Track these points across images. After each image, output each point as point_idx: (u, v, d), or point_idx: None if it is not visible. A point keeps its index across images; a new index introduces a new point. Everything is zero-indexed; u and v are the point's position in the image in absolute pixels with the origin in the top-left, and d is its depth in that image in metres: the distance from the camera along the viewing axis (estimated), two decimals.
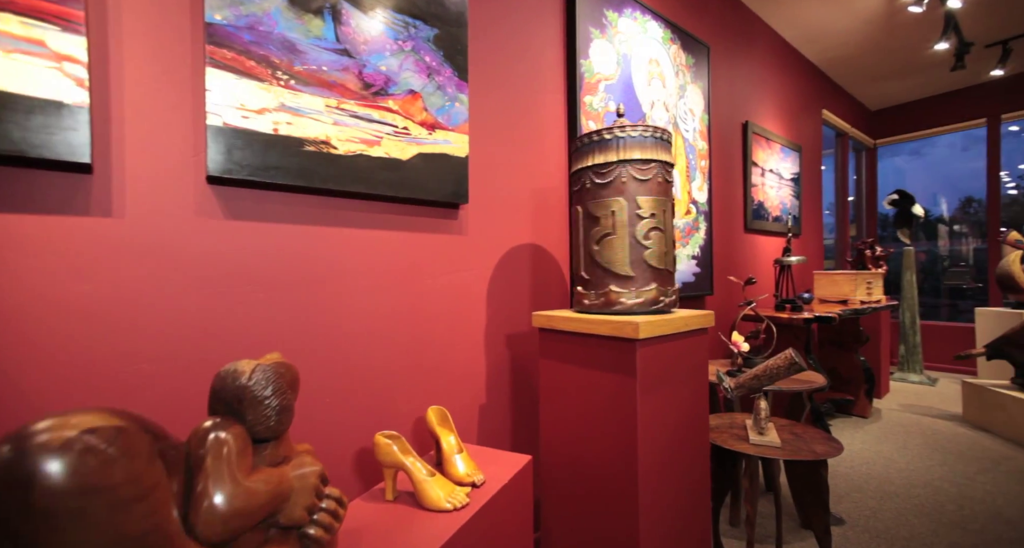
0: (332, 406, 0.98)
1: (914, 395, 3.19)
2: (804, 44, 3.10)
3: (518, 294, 1.39)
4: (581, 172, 1.10)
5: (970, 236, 6.40)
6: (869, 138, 4.38)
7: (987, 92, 3.76)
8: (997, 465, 2.00)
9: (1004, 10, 2.74)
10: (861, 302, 2.62)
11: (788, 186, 2.97)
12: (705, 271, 2.14)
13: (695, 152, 2.11)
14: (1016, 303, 3.15)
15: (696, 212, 2.10)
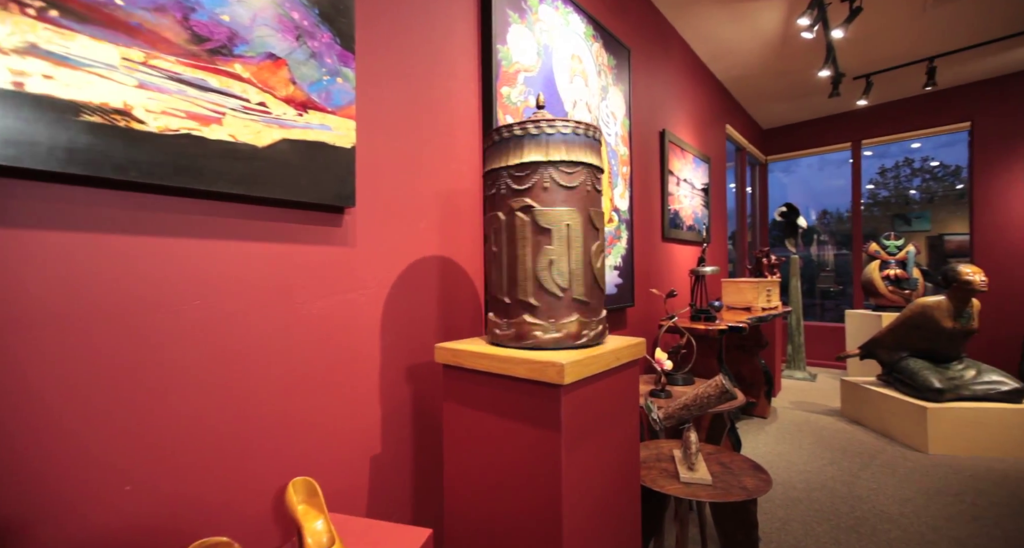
0: (136, 495, 0.69)
1: (800, 392, 3.57)
2: (711, 61, 3.31)
3: (423, 318, 1.18)
4: (495, 174, 0.93)
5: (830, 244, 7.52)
6: (762, 154, 4.88)
7: (853, 119, 4.38)
8: (873, 459, 2.25)
9: (869, 47, 3.16)
10: (763, 309, 2.83)
11: (699, 196, 3.13)
12: (627, 282, 2.11)
13: (617, 158, 2.07)
14: (876, 306, 3.69)
15: (618, 220, 2.06)
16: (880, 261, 3.67)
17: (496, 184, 0.93)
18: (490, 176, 0.95)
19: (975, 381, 2.38)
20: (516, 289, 0.88)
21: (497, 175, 0.92)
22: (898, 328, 2.61)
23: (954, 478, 2.03)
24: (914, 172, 7.07)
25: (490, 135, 0.94)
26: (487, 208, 0.97)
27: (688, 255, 2.97)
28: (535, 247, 0.86)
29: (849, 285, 6.80)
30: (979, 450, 2.27)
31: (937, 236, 6.13)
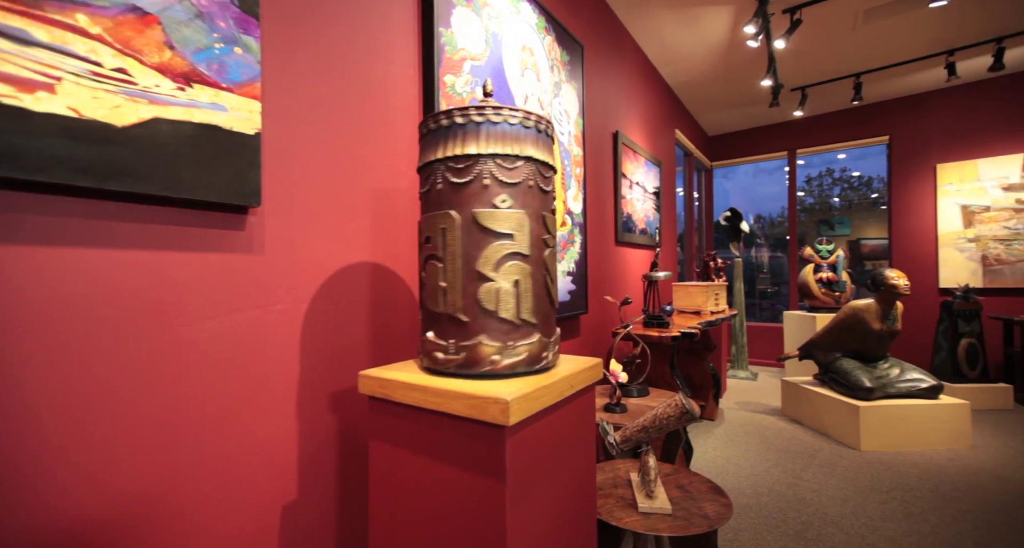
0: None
1: (744, 391, 3.71)
2: (662, 65, 3.35)
3: (352, 337, 1.02)
4: (431, 167, 0.80)
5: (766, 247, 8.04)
6: (708, 160, 5.07)
7: (790, 129, 4.65)
8: (813, 459, 2.34)
9: (805, 60, 3.34)
10: (712, 312, 2.89)
11: (651, 199, 3.15)
12: (580, 288, 2.04)
13: (570, 158, 2.00)
14: (811, 307, 3.91)
15: (572, 224, 1.99)
16: (814, 265, 3.90)
17: (431, 180, 0.79)
18: (425, 171, 0.82)
19: (899, 379, 2.55)
20: (456, 303, 0.75)
21: (432, 170, 0.79)
22: (833, 330, 2.76)
23: (885, 474, 2.14)
24: (835, 181, 7.74)
25: (426, 122, 0.81)
26: (422, 208, 0.83)
27: (641, 259, 2.98)
28: (480, 253, 0.74)
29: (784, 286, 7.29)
30: (903, 445, 2.43)
31: (855, 240, 6.71)
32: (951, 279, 3.81)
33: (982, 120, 3.74)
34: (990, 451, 2.40)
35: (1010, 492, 1.96)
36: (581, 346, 2.12)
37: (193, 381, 0.75)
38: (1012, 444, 2.50)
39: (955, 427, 2.44)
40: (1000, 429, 2.74)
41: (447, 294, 0.76)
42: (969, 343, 3.21)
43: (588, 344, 2.19)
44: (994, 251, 3.67)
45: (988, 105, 3.72)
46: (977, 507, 1.83)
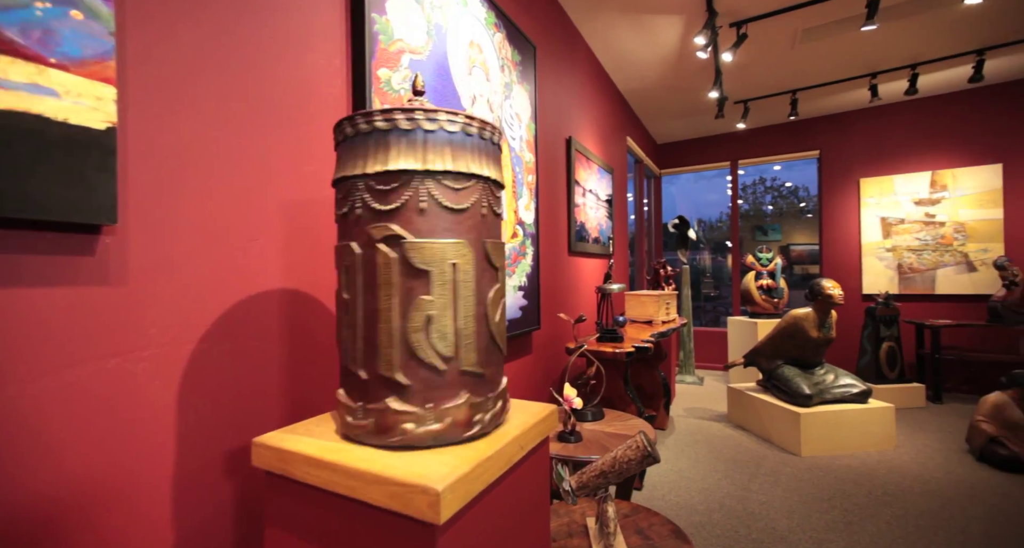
0: None
1: (692, 396, 3.79)
2: (614, 71, 3.34)
3: (257, 382, 0.84)
4: (348, 185, 0.64)
5: (707, 251, 8.45)
6: (657, 167, 5.19)
7: (732, 140, 4.85)
8: (759, 467, 2.39)
9: (748, 75, 3.46)
10: (663, 322, 2.90)
11: (604, 207, 3.12)
12: (532, 303, 1.94)
13: (522, 165, 1.89)
14: (752, 313, 4.08)
15: (523, 235, 1.88)
16: (755, 272, 4.07)
17: (349, 200, 0.64)
18: (341, 188, 0.66)
19: (834, 385, 2.68)
20: (377, 359, 0.60)
21: (350, 187, 0.64)
22: (775, 338, 2.85)
23: (824, 481, 2.22)
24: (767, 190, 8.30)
25: (341, 126, 0.65)
26: (339, 234, 0.67)
27: (594, 268, 2.93)
28: (405, 297, 0.60)
29: (724, 288, 7.68)
30: (839, 449, 2.55)
31: (786, 245, 7.20)
32: (873, 286, 4.12)
33: (898, 139, 4.08)
34: (911, 450, 2.57)
35: (931, 493, 2.08)
36: (534, 364, 2.02)
37: (23, 462, 0.55)
38: (928, 442, 2.70)
39: (882, 429, 2.59)
40: (917, 427, 2.96)
41: (366, 346, 0.61)
42: (889, 346, 3.47)
43: (541, 361, 2.09)
44: (908, 260, 4.01)
45: (903, 126, 4.06)
46: (907, 511, 1.92)
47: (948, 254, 3.87)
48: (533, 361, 2.02)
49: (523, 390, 1.92)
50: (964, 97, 3.83)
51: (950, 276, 3.86)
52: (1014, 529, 1.78)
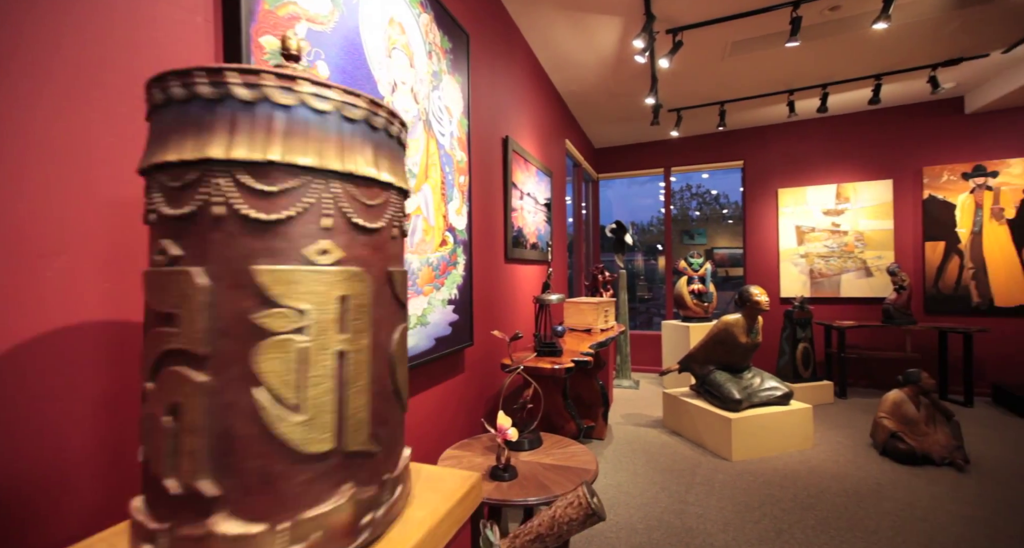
0: None
1: (629, 401, 3.82)
2: (553, 71, 3.26)
3: (45, 472, 0.58)
4: (152, 176, 0.43)
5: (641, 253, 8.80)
6: (594, 171, 5.23)
7: (666, 148, 5.00)
8: (695, 475, 2.40)
9: (682, 84, 3.54)
10: (601, 330, 2.86)
11: (543, 211, 3.02)
12: (464, 317, 1.76)
13: (453, 164, 1.70)
14: (685, 317, 4.21)
15: (453, 242, 1.70)
16: (687, 277, 4.21)
17: (153, 201, 0.43)
18: (150, 177, 0.44)
19: (761, 388, 2.78)
20: (198, 454, 0.40)
21: (155, 181, 0.43)
22: (708, 343, 2.92)
23: (754, 486, 2.27)
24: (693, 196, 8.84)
25: (151, 87, 0.44)
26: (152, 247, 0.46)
27: (532, 276, 2.82)
28: (259, 350, 0.40)
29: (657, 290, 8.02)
30: (766, 451, 2.65)
31: (710, 249, 7.67)
32: (789, 290, 4.43)
33: (810, 153, 4.43)
34: (826, 448, 2.74)
35: (846, 493, 2.20)
36: (467, 384, 1.84)
37: None
38: (839, 439, 2.89)
39: (802, 429, 2.74)
40: (829, 423, 3.18)
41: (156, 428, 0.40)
42: (804, 347, 3.72)
43: (475, 380, 1.92)
44: (818, 266, 4.36)
45: (815, 140, 4.41)
46: (827, 514, 2.00)
47: (850, 260, 4.26)
48: (466, 381, 1.85)
49: (455, 415, 1.74)
50: (864, 117, 4.23)
51: (852, 281, 4.24)
52: (917, 524, 1.91)
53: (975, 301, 3.89)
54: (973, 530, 1.86)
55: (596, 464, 1.33)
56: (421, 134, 1.46)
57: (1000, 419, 3.27)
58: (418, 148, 1.44)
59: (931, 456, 2.48)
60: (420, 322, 1.44)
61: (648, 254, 8.53)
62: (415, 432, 1.44)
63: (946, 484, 2.27)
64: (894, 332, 3.96)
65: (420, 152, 1.46)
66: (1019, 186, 3.79)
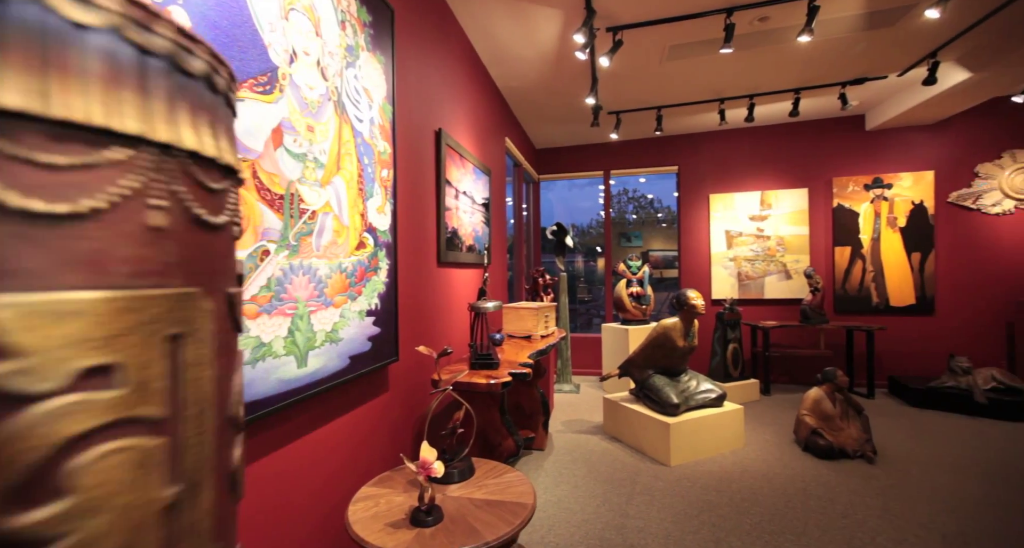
0: None
1: (569, 406, 3.78)
2: (492, 64, 3.12)
3: None
4: None
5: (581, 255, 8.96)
6: (535, 172, 5.17)
7: (606, 151, 5.06)
8: (635, 484, 2.37)
9: (621, 87, 3.56)
10: (542, 337, 2.75)
11: (480, 211, 2.87)
12: (388, 330, 1.56)
13: (373, 156, 1.50)
14: (624, 320, 4.26)
15: (374, 244, 1.49)
16: (626, 280, 4.26)
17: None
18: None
19: (697, 391, 2.83)
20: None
21: None
22: (647, 348, 2.92)
23: (692, 492, 2.28)
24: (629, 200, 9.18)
25: None
26: None
27: (469, 280, 2.65)
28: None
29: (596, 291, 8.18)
30: (701, 453, 2.69)
31: (646, 251, 7.96)
32: (720, 292, 4.64)
33: (738, 160, 4.67)
34: (756, 447, 2.85)
35: (776, 493, 2.27)
36: (391, 405, 1.64)
37: None
38: (766, 436, 3.03)
39: (734, 430, 2.82)
40: (757, 421, 3.33)
41: None
42: (734, 348, 3.90)
43: (399, 400, 1.72)
44: (745, 269, 4.61)
45: (742, 149, 4.67)
46: (761, 517, 2.03)
47: (773, 264, 4.55)
48: (390, 401, 1.64)
49: (377, 442, 1.53)
50: (785, 129, 4.54)
51: (774, 283, 4.53)
52: (839, 521, 2.00)
53: (875, 301, 4.30)
54: (886, 522, 1.98)
55: (533, 496, 1.20)
56: (331, 117, 1.25)
57: (896, 408, 3.62)
58: (327, 133, 1.23)
59: (846, 450, 2.65)
60: (330, 339, 1.23)
61: (588, 256, 8.70)
62: (321, 468, 1.23)
63: (860, 477, 2.42)
64: (810, 331, 4.28)
65: (330, 138, 1.24)
66: (909, 198, 4.24)
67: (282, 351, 1.02)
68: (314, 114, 1.16)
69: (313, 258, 1.16)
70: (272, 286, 1.00)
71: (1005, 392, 3.37)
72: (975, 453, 2.72)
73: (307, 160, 1.13)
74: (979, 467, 2.53)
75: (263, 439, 1.01)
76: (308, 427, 1.18)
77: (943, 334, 4.15)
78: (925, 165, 4.22)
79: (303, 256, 1.12)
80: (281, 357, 1.02)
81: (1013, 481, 2.35)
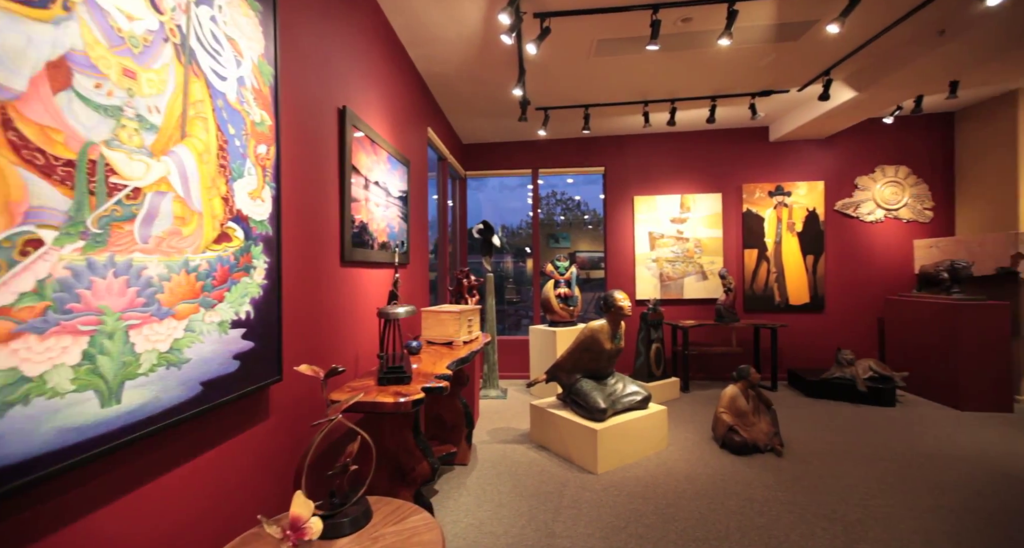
0: None
1: (496, 414, 3.61)
2: (412, 45, 2.85)
3: None
4: None
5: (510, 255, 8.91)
6: (462, 168, 4.94)
7: (535, 149, 4.97)
8: (562, 497, 2.25)
9: (549, 82, 3.47)
10: (464, 343, 2.54)
11: (396, 205, 2.59)
12: (265, 344, 1.26)
13: (244, 126, 1.19)
14: (552, 322, 4.18)
15: (244, 237, 1.19)
16: (554, 281, 4.19)
17: None
18: None
19: (623, 394, 2.79)
20: None
21: None
22: (574, 351, 2.84)
23: (619, 501, 2.21)
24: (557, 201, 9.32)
25: None
26: None
27: (382, 282, 2.37)
28: None
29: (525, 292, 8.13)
30: (627, 458, 2.65)
31: (573, 252, 8.09)
32: (643, 292, 4.76)
33: (661, 164, 4.82)
34: (678, 447, 2.88)
35: (698, 494, 2.27)
36: (268, 439, 1.34)
37: None
38: (687, 435, 3.09)
39: (658, 432, 2.82)
40: (678, 420, 3.40)
41: None
42: (657, 347, 3.98)
43: (285, 430, 1.42)
44: (666, 270, 4.77)
45: (664, 152, 4.82)
46: (687, 525, 2.00)
47: (691, 265, 4.75)
48: (270, 432, 1.34)
49: (254, 484, 1.22)
50: (702, 135, 4.77)
51: (693, 283, 4.74)
52: (756, 519, 2.03)
53: (777, 300, 4.66)
54: (796, 517, 2.04)
55: (442, 544, 0.99)
56: (171, 63, 0.94)
57: (795, 399, 3.92)
58: (163, 85, 0.92)
59: (758, 444, 2.76)
60: (166, 362, 0.92)
61: (518, 256, 8.65)
62: (154, 533, 0.91)
63: (771, 470, 2.52)
64: (723, 329, 4.52)
65: (168, 92, 0.93)
66: (804, 205, 4.65)
67: (69, 386, 0.71)
68: (137, 55, 0.85)
69: (136, 253, 0.85)
70: (48, 293, 0.68)
71: (879, 380, 3.78)
72: (860, 438, 2.98)
73: (123, 117, 0.82)
74: (866, 451, 2.76)
75: (31, 519, 0.69)
76: (132, 483, 0.87)
77: (832, 329, 4.60)
78: (817, 175, 4.65)
79: (116, 250, 0.81)
80: (67, 394, 0.71)
81: (893, 463, 2.58)
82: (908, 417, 3.41)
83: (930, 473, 2.46)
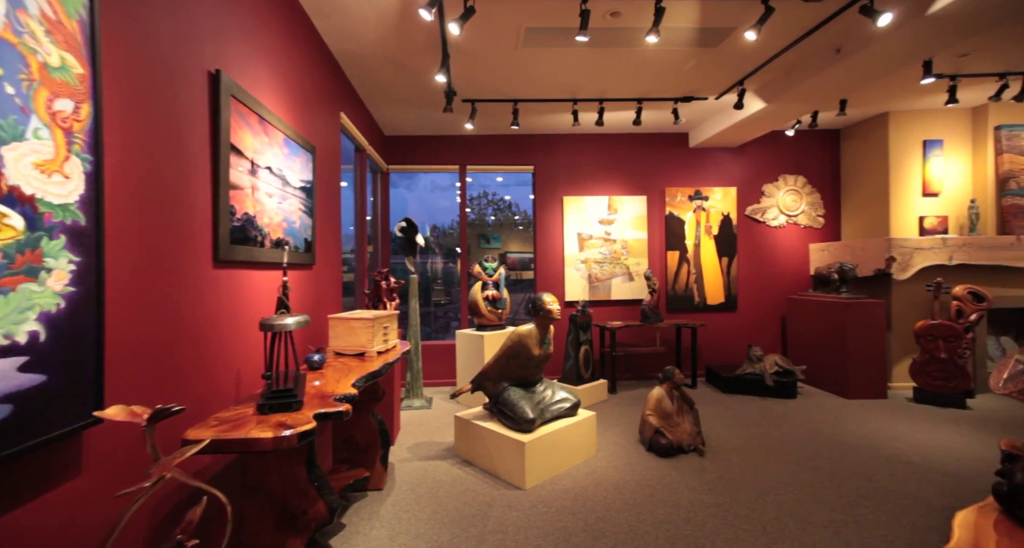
0: None
1: (419, 426, 3.34)
2: (319, 16, 2.50)
3: None
4: None
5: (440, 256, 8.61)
6: (384, 161, 4.58)
7: (462, 144, 4.74)
8: (487, 519, 2.05)
9: (476, 72, 3.27)
10: (379, 353, 2.26)
11: (298, 197, 2.23)
12: (69, 376, 0.91)
13: (28, 68, 0.86)
14: (480, 326, 3.98)
15: (28, 227, 0.85)
16: (482, 282, 3.99)
17: None
18: None
19: (552, 402, 2.67)
20: None
21: None
22: (501, 358, 2.66)
23: (547, 518, 2.06)
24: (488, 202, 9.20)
25: None
26: None
27: (278, 285, 2.01)
28: None
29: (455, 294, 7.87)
30: (555, 469, 2.52)
31: (504, 253, 7.99)
32: (572, 294, 4.72)
33: (589, 164, 4.83)
34: (607, 454, 2.81)
35: (627, 504, 2.20)
36: (78, 503, 0.98)
37: None
38: (616, 440, 3.04)
39: (587, 439, 2.73)
40: (606, 424, 3.36)
41: None
42: (585, 350, 3.94)
43: (106, 495, 1.06)
44: (595, 271, 4.78)
45: (593, 153, 4.83)
46: (617, 540, 1.90)
47: (618, 266, 4.80)
48: (78, 497, 0.99)
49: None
50: (628, 138, 4.84)
51: (620, 285, 4.79)
52: (684, 527, 1.98)
53: (696, 300, 4.86)
54: (720, 520, 2.03)
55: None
56: None
57: (713, 396, 4.08)
58: None
59: (682, 445, 2.78)
60: None
61: (448, 257, 8.36)
62: None
63: (695, 472, 2.53)
64: (648, 329, 4.61)
65: None
66: (720, 209, 4.90)
67: None
68: None
69: None
70: None
71: (783, 375, 4.06)
72: (770, 432, 3.13)
73: None
74: (775, 445, 2.89)
75: None
76: None
77: (743, 327, 4.89)
78: (730, 182, 4.93)
79: None
80: None
81: (799, 455, 2.72)
82: (808, 408, 3.67)
83: (828, 463, 2.62)
